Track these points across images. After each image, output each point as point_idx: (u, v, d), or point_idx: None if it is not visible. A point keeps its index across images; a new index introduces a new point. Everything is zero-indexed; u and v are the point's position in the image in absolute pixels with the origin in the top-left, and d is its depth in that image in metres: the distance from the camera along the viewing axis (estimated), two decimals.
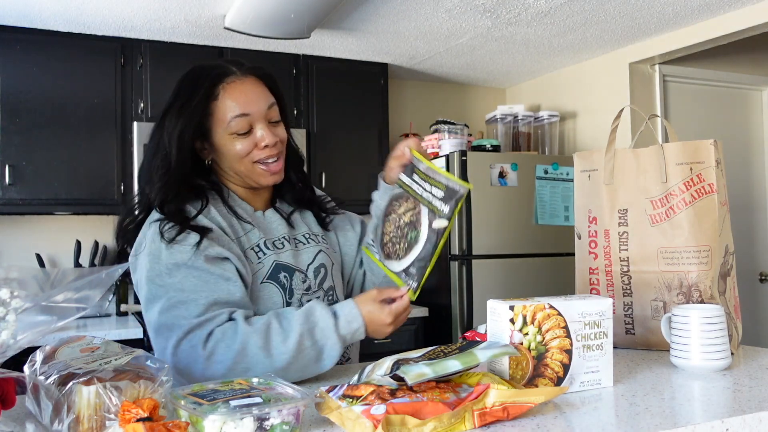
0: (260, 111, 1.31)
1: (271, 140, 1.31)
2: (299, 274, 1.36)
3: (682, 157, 1.49)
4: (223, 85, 1.30)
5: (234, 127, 1.29)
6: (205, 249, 1.22)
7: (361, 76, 3.73)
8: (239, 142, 1.30)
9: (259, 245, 1.33)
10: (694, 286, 1.45)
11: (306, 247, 1.41)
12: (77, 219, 3.43)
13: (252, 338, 1.17)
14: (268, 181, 1.35)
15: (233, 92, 1.30)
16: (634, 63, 3.58)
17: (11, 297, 0.85)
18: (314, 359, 1.21)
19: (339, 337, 1.21)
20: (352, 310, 1.23)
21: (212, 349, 1.16)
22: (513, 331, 1.07)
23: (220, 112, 1.30)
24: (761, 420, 0.97)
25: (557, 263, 3.46)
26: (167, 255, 1.23)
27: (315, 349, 1.20)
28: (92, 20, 3.02)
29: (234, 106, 1.29)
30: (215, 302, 1.21)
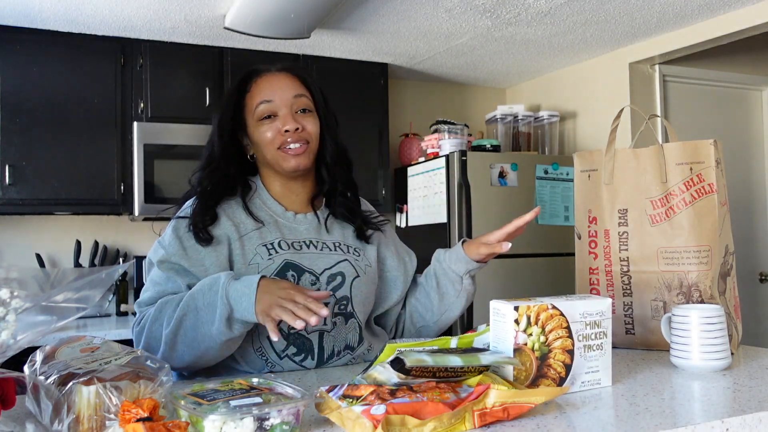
0: (284, 98, 1.40)
1: (291, 125, 1.38)
2: (309, 275, 1.37)
3: (682, 157, 1.49)
4: (255, 79, 1.42)
5: (259, 113, 1.40)
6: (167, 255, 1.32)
7: (361, 76, 3.73)
8: (265, 127, 1.39)
9: (273, 243, 1.37)
10: (694, 286, 1.45)
11: (330, 253, 1.42)
12: (77, 219, 3.43)
13: (165, 307, 1.27)
14: (290, 165, 1.39)
15: (262, 83, 1.42)
16: (634, 63, 3.58)
17: (11, 297, 0.85)
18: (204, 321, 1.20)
19: (225, 295, 1.18)
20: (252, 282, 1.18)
21: (144, 324, 1.29)
22: (518, 332, 1.07)
23: (250, 103, 1.41)
24: (761, 420, 0.97)
25: (557, 263, 3.46)
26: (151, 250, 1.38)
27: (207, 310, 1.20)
28: (92, 20, 3.02)
29: (260, 93, 1.40)
30: (165, 294, 1.32)
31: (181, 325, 1.23)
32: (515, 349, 1.07)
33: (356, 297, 1.42)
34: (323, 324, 1.37)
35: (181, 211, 1.40)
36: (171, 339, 1.23)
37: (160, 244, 1.36)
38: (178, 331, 1.23)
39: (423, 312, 1.56)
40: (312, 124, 1.42)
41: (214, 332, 1.20)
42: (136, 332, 1.32)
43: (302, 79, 1.45)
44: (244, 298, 1.17)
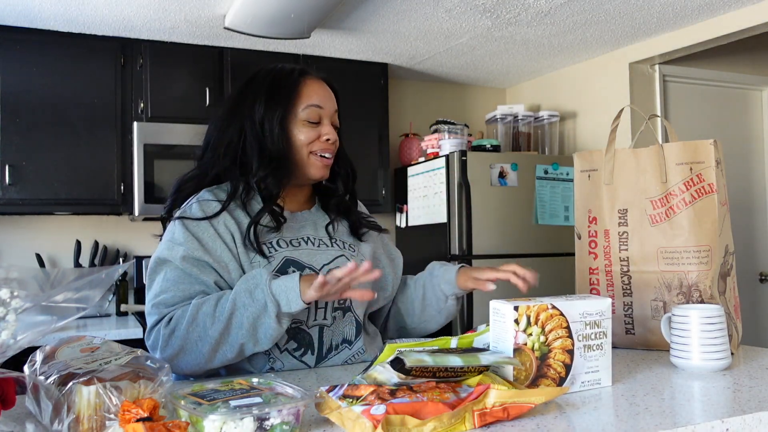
0: (329, 109, 1.45)
1: (333, 137, 1.43)
2: (309, 271, 1.38)
3: (682, 157, 1.49)
4: (305, 79, 1.44)
5: (307, 115, 1.41)
6: (189, 250, 1.30)
7: (361, 76, 3.73)
8: (307, 130, 1.41)
9: (271, 242, 1.38)
10: (694, 286, 1.45)
11: (327, 249, 1.44)
12: (77, 219, 3.43)
13: (203, 307, 1.24)
14: (318, 173, 1.43)
15: (313, 86, 1.44)
16: (634, 63, 3.58)
17: (11, 297, 0.85)
18: (255, 316, 1.21)
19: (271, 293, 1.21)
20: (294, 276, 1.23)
21: (173, 326, 1.26)
22: (518, 332, 1.07)
23: (297, 101, 1.41)
24: (761, 420, 0.97)
25: (557, 263, 3.45)
26: (160, 250, 1.34)
27: (254, 307, 1.21)
28: (92, 20, 3.02)
29: (312, 96, 1.42)
30: (190, 296, 1.29)
31: (233, 322, 1.22)
32: (515, 349, 1.07)
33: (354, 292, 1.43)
34: (323, 319, 1.38)
35: (183, 212, 1.38)
36: (217, 339, 1.23)
37: (173, 242, 1.32)
38: (230, 327, 1.22)
39: (404, 315, 1.60)
40: (338, 139, 1.48)
41: (267, 331, 1.22)
42: (163, 335, 1.26)
43: (336, 96, 1.50)
44: (291, 293, 1.21)
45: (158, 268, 1.33)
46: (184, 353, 1.25)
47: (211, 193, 1.41)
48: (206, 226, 1.34)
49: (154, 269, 1.33)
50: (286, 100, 1.40)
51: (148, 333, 1.31)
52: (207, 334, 1.23)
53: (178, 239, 1.32)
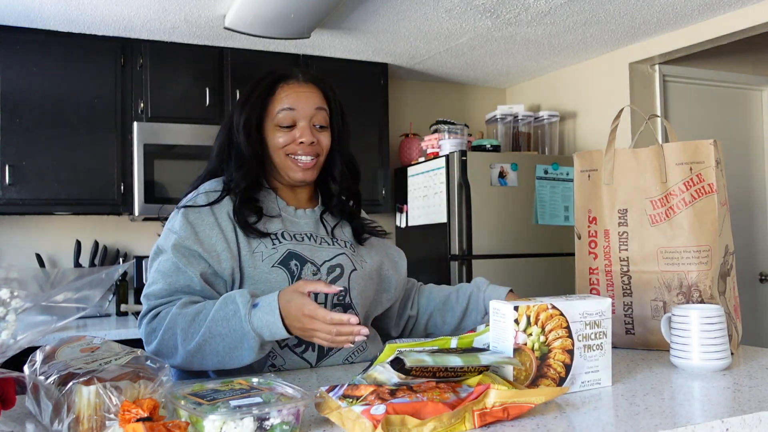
0: (306, 111, 1.44)
1: (307, 139, 1.43)
2: (311, 265, 1.40)
3: (682, 157, 1.49)
4: (282, 84, 1.45)
5: (278, 120, 1.43)
6: (181, 239, 1.33)
7: (361, 76, 3.73)
8: (281, 134, 1.44)
9: (276, 234, 1.41)
10: (694, 286, 1.45)
11: (329, 247, 1.46)
12: (77, 219, 3.43)
13: (178, 320, 1.25)
14: (297, 176, 1.45)
15: (288, 90, 1.45)
16: (634, 63, 3.58)
17: (11, 297, 0.85)
18: (231, 347, 1.21)
19: (252, 329, 1.19)
20: (272, 301, 1.20)
21: (154, 326, 1.30)
22: (518, 332, 1.07)
23: (272, 106, 1.45)
24: (761, 420, 0.97)
25: (557, 263, 3.46)
26: (159, 239, 1.38)
27: (231, 338, 1.20)
28: (92, 20, 3.02)
29: (283, 100, 1.44)
30: (177, 289, 1.31)
31: (206, 348, 1.23)
32: (515, 349, 1.07)
33: (354, 289, 1.45)
34: None
35: (188, 201, 1.42)
36: (192, 355, 1.24)
37: (170, 230, 1.36)
38: (202, 351, 1.23)
39: (440, 323, 1.63)
40: (326, 139, 1.47)
41: (246, 357, 1.22)
42: (146, 330, 1.31)
43: (325, 94, 1.49)
44: (274, 328, 1.18)
45: (155, 257, 1.36)
46: (160, 355, 1.27)
47: (219, 183, 1.46)
48: (206, 214, 1.38)
49: (152, 257, 1.37)
50: (260, 106, 1.45)
51: (138, 321, 1.35)
52: (178, 349, 1.25)
53: (174, 227, 1.36)
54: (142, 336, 1.33)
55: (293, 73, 1.48)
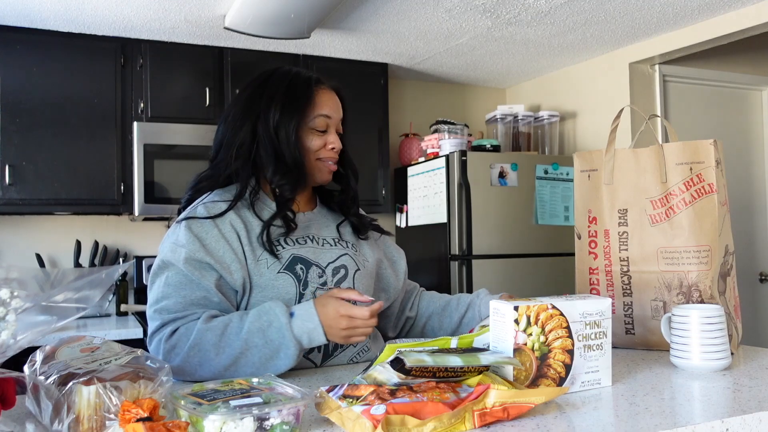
0: (337, 118, 1.50)
1: (338, 145, 1.49)
2: (316, 268, 1.41)
3: (682, 157, 1.49)
4: (317, 88, 1.48)
5: (316, 124, 1.45)
6: (191, 252, 1.31)
7: (361, 76, 3.73)
8: (315, 137, 1.46)
9: (279, 240, 1.40)
10: (694, 286, 1.45)
11: (331, 248, 1.47)
12: (77, 219, 3.43)
13: (206, 335, 1.24)
14: (323, 178, 1.49)
15: (324, 96, 1.48)
16: (634, 63, 3.58)
17: (11, 297, 0.85)
18: (268, 357, 1.23)
19: (292, 336, 1.23)
20: (309, 308, 1.26)
21: (174, 343, 1.26)
22: (518, 332, 1.07)
23: (309, 109, 1.45)
24: (761, 420, 0.97)
25: (557, 263, 3.46)
26: (164, 252, 1.34)
27: (269, 348, 1.23)
28: (92, 20, 3.02)
29: (322, 106, 1.47)
30: (192, 302, 1.29)
31: (241, 360, 1.23)
32: (515, 349, 1.07)
33: (359, 289, 1.46)
34: None
35: (191, 212, 1.38)
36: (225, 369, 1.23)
37: (176, 244, 1.33)
38: (237, 364, 1.23)
39: (437, 326, 1.64)
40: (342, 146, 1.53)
41: (282, 365, 1.24)
42: (164, 348, 1.26)
43: (343, 104, 1.55)
44: (314, 334, 1.24)
45: (160, 271, 1.32)
46: (182, 372, 1.24)
47: (219, 194, 1.42)
48: (210, 227, 1.34)
49: (156, 272, 1.33)
50: (302, 109, 1.44)
51: (149, 338, 1.31)
52: (210, 364, 1.23)
53: (181, 241, 1.32)
54: (158, 354, 1.28)
55: (324, 78, 1.52)
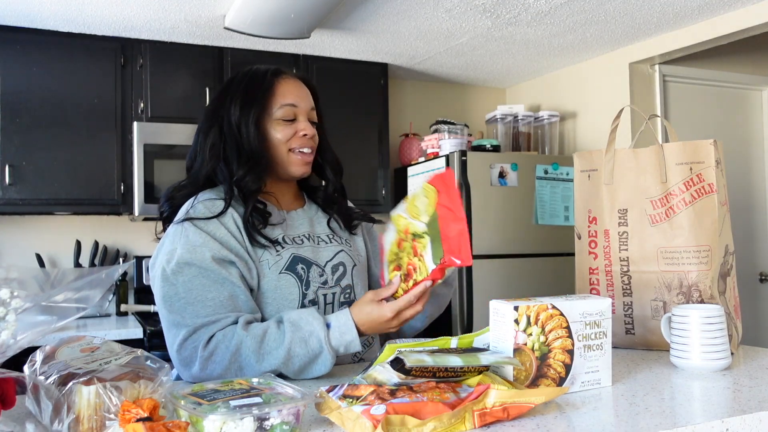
0: (305, 107, 1.46)
1: (310, 131, 1.44)
2: (316, 267, 1.41)
3: (682, 157, 1.49)
4: (278, 79, 1.45)
5: (281, 114, 1.42)
6: (213, 250, 1.29)
7: (361, 76, 3.73)
8: (283, 128, 1.43)
9: (278, 240, 1.39)
10: (694, 286, 1.45)
11: (327, 246, 1.47)
12: (77, 219, 3.43)
13: (246, 341, 1.23)
14: (299, 170, 1.44)
15: (287, 85, 1.45)
16: (634, 63, 3.58)
17: (11, 297, 0.85)
18: (305, 366, 1.25)
19: (330, 349, 1.25)
20: (347, 321, 1.27)
21: (212, 350, 1.23)
22: (518, 332, 1.07)
23: (271, 101, 1.43)
24: (761, 420, 0.97)
25: (557, 263, 3.46)
26: (180, 253, 1.29)
27: (308, 357, 1.24)
28: (92, 20, 3.02)
29: (285, 95, 1.44)
30: (221, 304, 1.27)
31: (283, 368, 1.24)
32: (515, 349, 1.07)
33: (357, 285, 1.48)
34: None
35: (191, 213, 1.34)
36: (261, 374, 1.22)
37: (193, 244, 1.29)
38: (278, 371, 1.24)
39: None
40: (317, 135, 1.49)
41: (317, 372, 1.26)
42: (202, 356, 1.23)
43: (314, 93, 1.51)
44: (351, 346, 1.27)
45: (179, 271, 1.28)
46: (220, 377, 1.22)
47: (212, 192, 1.40)
48: (217, 225, 1.32)
49: (177, 271, 1.28)
50: (261, 101, 1.42)
51: (180, 344, 1.26)
52: (252, 369, 1.23)
53: (196, 241, 1.29)
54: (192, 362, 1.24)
55: (285, 69, 1.48)
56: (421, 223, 1.27)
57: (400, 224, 1.31)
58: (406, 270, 1.27)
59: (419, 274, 1.25)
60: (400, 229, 1.31)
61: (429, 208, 1.27)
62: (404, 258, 1.28)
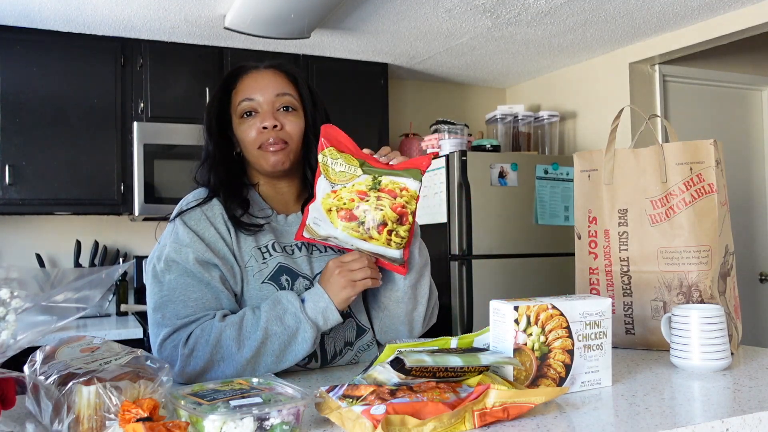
0: (267, 97, 1.38)
1: (270, 123, 1.36)
2: (303, 280, 1.36)
3: (682, 157, 1.49)
4: (242, 76, 1.41)
5: (240, 110, 1.39)
6: (197, 252, 1.28)
7: (361, 76, 3.73)
8: (246, 125, 1.38)
9: (267, 246, 1.36)
10: (694, 286, 1.45)
11: (321, 256, 1.41)
12: (77, 219, 3.43)
13: (225, 331, 1.23)
14: (268, 164, 1.37)
15: (248, 81, 1.40)
16: (634, 63, 3.58)
17: (11, 297, 0.85)
18: (286, 345, 1.24)
19: (308, 319, 1.24)
20: (317, 290, 1.27)
21: (192, 346, 1.23)
22: (518, 332, 1.07)
23: (234, 99, 1.40)
24: (761, 420, 0.97)
25: (557, 263, 3.46)
26: (167, 252, 1.30)
27: (286, 334, 1.23)
28: (92, 20, 3.02)
29: (243, 91, 1.39)
30: (203, 306, 1.27)
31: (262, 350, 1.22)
32: (515, 349, 1.07)
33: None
34: None
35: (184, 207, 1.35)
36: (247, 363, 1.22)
37: (180, 244, 1.29)
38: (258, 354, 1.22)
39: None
40: (292, 124, 1.39)
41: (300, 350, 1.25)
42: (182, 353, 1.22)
43: (290, 77, 1.42)
44: (327, 312, 1.26)
45: (166, 269, 1.28)
46: (205, 372, 1.22)
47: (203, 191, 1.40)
48: (206, 225, 1.32)
49: (164, 270, 1.28)
50: (220, 101, 1.41)
51: (160, 344, 1.25)
52: (233, 359, 1.22)
53: (184, 240, 1.29)
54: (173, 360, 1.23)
55: (252, 64, 1.43)
56: (362, 176, 1.27)
57: (342, 197, 1.27)
58: (396, 215, 1.28)
59: (411, 205, 1.29)
60: (344, 200, 1.27)
61: (350, 161, 1.28)
62: (380, 213, 1.26)
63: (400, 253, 1.31)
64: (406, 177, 1.26)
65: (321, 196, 1.29)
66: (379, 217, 1.26)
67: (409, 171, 1.26)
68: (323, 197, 1.29)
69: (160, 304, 1.27)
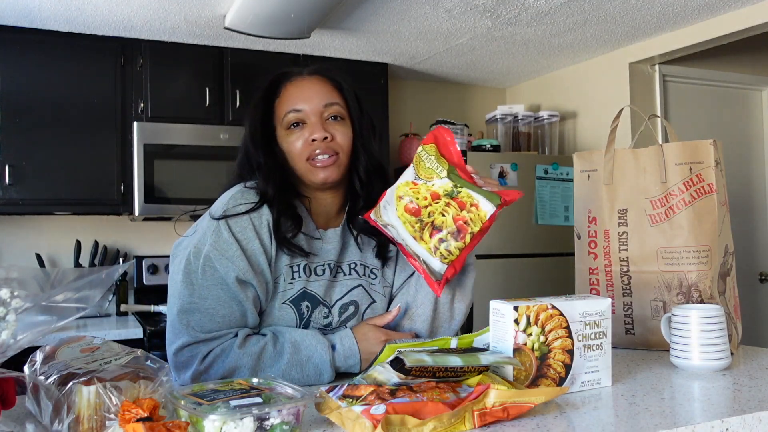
0: (315, 107, 1.31)
1: (319, 135, 1.29)
2: (323, 308, 1.33)
3: (682, 157, 1.49)
4: (286, 84, 1.34)
5: (287, 121, 1.32)
6: (238, 270, 1.22)
7: (361, 76, 3.73)
8: (294, 137, 1.31)
9: (298, 266, 1.31)
10: (693, 286, 1.45)
11: (344, 279, 1.36)
12: (77, 219, 3.43)
13: (242, 359, 1.21)
14: (318, 178, 1.30)
15: (292, 89, 1.33)
16: (634, 63, 3.58)
17: (11, 297, 0.85)
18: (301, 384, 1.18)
19: (332, 369, 1.25)
20: (352, 346, 1.27)
21: (208, 365, 1.21)
22: (518, 332, 1.07)
23: (279, 110, 1.34)
24: (761, 420, 0.97)
25: (557, 263, 3.46)
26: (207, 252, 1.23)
27: (303, 380, 1.23)
28: (92, 20, 3.02)
29: (288, 101, 1.32)
30: (229, 323, 1.24)
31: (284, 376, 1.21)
32: (515, 349, 1.07)
33: None
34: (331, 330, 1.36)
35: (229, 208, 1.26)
36: None
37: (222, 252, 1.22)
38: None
39: None
40: (342, 134, 1.33)
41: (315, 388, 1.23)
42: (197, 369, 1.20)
43: (336, 84, 1.36)
44: (353, 369, 1.27)
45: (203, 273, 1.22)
46: None
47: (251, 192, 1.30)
48: (252, 235, 1.25)
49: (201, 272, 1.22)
50: (264, 110, 1.34)
51: (178, 349, 1.22)
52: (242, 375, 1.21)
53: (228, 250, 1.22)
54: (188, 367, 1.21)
55: (297, 71, 1.36)
56: (444, 179, 1.23)
57: (419, 191, 1.25)
58: (455, 227, 1.21)
59: (474, 225, 1.20)
60: (419, 195, 1.24)
61: (442, 163, 1.25)
62: (440, 218, 1.21)
63: (441, 267, 1.23)
64: (482, 196, 1.20)
65: (401, 182, 1.28)
66: (438, 222, 1.21)
67: (491, 194, 1.20)
68: (402, 183, 1.27)
69: (188, 308, 1.22)
